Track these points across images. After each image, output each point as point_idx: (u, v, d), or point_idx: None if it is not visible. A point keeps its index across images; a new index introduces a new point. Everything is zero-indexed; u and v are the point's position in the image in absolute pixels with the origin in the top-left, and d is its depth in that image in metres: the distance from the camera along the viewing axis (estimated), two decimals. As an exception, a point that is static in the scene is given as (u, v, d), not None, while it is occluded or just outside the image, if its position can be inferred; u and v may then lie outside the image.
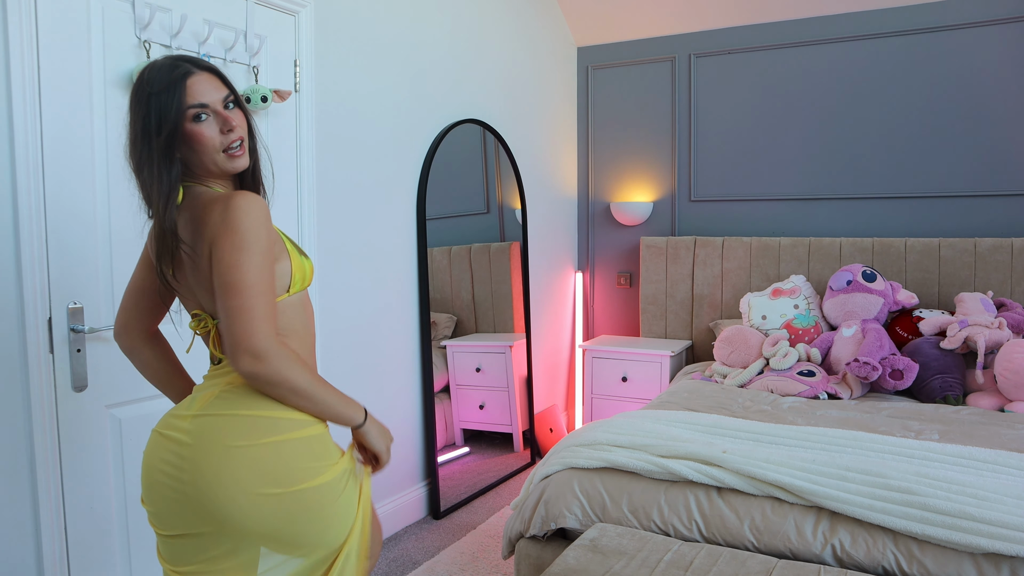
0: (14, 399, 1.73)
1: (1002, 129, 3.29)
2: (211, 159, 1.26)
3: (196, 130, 1.24)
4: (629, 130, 4.11)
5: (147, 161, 1.23)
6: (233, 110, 1.29)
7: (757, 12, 3.69)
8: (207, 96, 1.24)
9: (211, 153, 1.25)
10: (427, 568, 2.62)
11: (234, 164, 1.28)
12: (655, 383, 3.61)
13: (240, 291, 1.16)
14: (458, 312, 3.35)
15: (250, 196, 1.22)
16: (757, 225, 3.82)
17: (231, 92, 1.29)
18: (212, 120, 1.25)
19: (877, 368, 2.77)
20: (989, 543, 1.57)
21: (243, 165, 1.30)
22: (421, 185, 3.04)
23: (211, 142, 1.25)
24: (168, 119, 1.21)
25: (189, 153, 1.25)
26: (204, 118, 1.24)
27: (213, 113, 1.25)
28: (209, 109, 1.24)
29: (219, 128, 1.26)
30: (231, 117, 1.26)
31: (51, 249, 1.78)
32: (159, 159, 1.22)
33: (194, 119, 1.23)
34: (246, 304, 1.16)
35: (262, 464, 1.21)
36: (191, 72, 1.24)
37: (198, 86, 1.24)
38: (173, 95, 1.21)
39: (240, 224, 1.18)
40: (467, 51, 3.31)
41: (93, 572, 1.90)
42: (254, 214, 1.19)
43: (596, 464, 2.04)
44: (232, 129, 1.26)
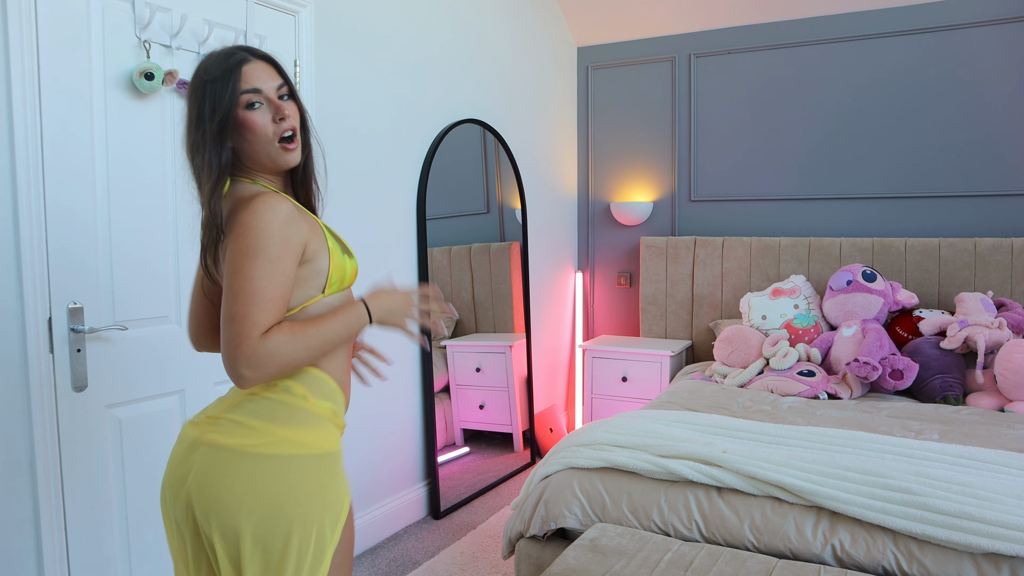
0: (14, 399, 1.73)
1: (1002, 129, 3.29)
2: (264, 150, 1.24)
3: (249, 117, 1.22)
4: (629, 130, 4.11)
5: (200, 147, 1.22)
6: (287, 101, 1.27)
7: (757, 12, 3.69)
8: (261, 83, 1.23)
9: (263, 143, 1.24)
10: (427, 568, 2.62)
11: (287, 158, 1.26)
12: (655, 383, 3.61)
13: (239, 297, 1.14)
14: (458, 312, 3.35)
15: (271, 199, 1.19)
16: (757, 225, 3.82)
17: (286, 83, 1.27)
18: (265, 109, 1.23)
19: (877, 368, 2.77)
20: (989, 543, 1.57)
21: (295, 160, 1.28)
22: (421, 185, 3.04)
23: (263, 130, 1.23)
24: (221, 105, 1.20)
25: (241, 143, 1.24)
26: (257, 106, 1.23)
27: (266, 101, 1.23)
28: (262, 96, 1.23)
29: (271, 116, 1.24)
30: (283, 106, 1.24)
31: (51, 249, 1.78)
32: (211, 144, 1.21)
33: (247, 106, 1.22)
34: (241, 311, 1.14)
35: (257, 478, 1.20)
36: (247, 60, 1.23)
37: (253, 73, 1.22)
38: (227, 81, 1.20)
39: (251, 228, 1.16)
40: (467, 51, 3.31)
41: (93, 572, 1.90)
42: (267, 218, 1.17)
43: (596, 464, 2.04)
44: (284, 118, 1.24)
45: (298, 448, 1.22)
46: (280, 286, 1.18)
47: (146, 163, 1.99)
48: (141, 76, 1.90)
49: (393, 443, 2.93)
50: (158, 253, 2.04)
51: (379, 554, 2.76)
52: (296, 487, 1.20)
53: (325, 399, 1.28)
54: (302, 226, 1.22)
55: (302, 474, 1.21)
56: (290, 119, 1.25)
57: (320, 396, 1.28)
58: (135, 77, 1.90)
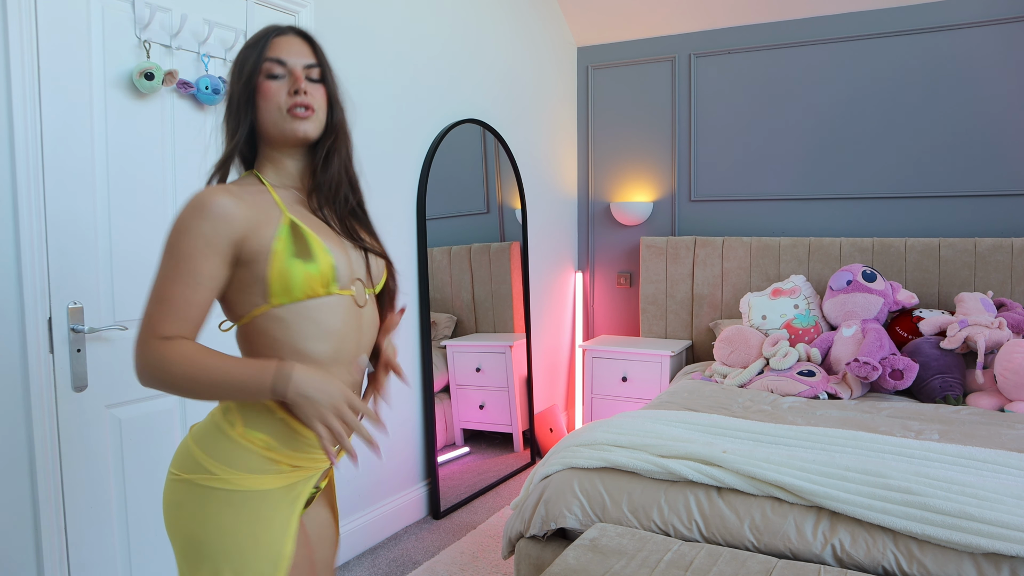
0: (14, 399, 1.73)
1: (1002, 129, 3.29)
2: (272, 120, 1.18)
3: (266, 85, 1.18)
4: (629, 130, 4.11)
5: (228, 110, 1.21)
6: (314, 83, 1.21)
7: (757, 12, 3.69)
8: (288, 56, 1.19)
9: (273, 112, 1.17)
10: (427, 568, 2.62)
11: (294, 125, 1.17)
12: (655, 383, 3.61)
13: (149, 296, 1.10)
14: (458, 312, 3.35)
15: (205, 192, 1.11)
16: (757, 225, 3.82)
17: (319, 65, 1.22)
18: (285, 81, 1.19)
19: (877, 368, 2.77)
20: (989, 543, 1.57)
21: (304, 130, 1.18)
22: (421, 185, 3.04)
23: (276, 99, 1.17)
24: (246, 69, 1.18)
25: (258, 114, 1.19)
26: (279, 77, 1.18)
27: (289, 73, 1.19)
28: (286, 68, 1.18)
29: (288, 89, 1.18)
30: (302, 80, 1.18)
31: (51, 249, 1.78)
32: (236, 108, 1.19)
33: (268, 75, 1.18)
34: (145, 310, 1.09)
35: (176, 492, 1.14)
36: (283, 32, 1.22)
37: (282, 45, 1.20)
38: (256, 49, 1.19)
39: (173, 224, 1.10)
40: (467, 51, 3.31)
41: (93, 572, 1.90)
42: (187, 213, 1.09)
43: (596, 464, 2.04)
44: (299, 91, 1.17)
45: (215, 481, 1.10)
46: (186, 286, 1.08)
47: (146, 163, 1.99)
48: (141, 76, 1.90)
49: (393, 443, 2.93)
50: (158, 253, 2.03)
51: (379, 554, 2.76)
52: (209, 521, 1.10)
53: (259, 431, 1.13)
54: (238, 223, 1.10)
55: (218, 507, 1.10)
56: (308, 98, 1.18)
57: (253, 427, 1.13)
58: (135, 77, 1.90)
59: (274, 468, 1.13)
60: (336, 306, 1.16)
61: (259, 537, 1.11)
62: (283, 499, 1.14)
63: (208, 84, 2.05)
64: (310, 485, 1.19)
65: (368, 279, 1.23)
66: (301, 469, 1.16)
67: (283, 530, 1.13)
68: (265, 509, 1.12)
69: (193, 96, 2.07)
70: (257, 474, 1.12)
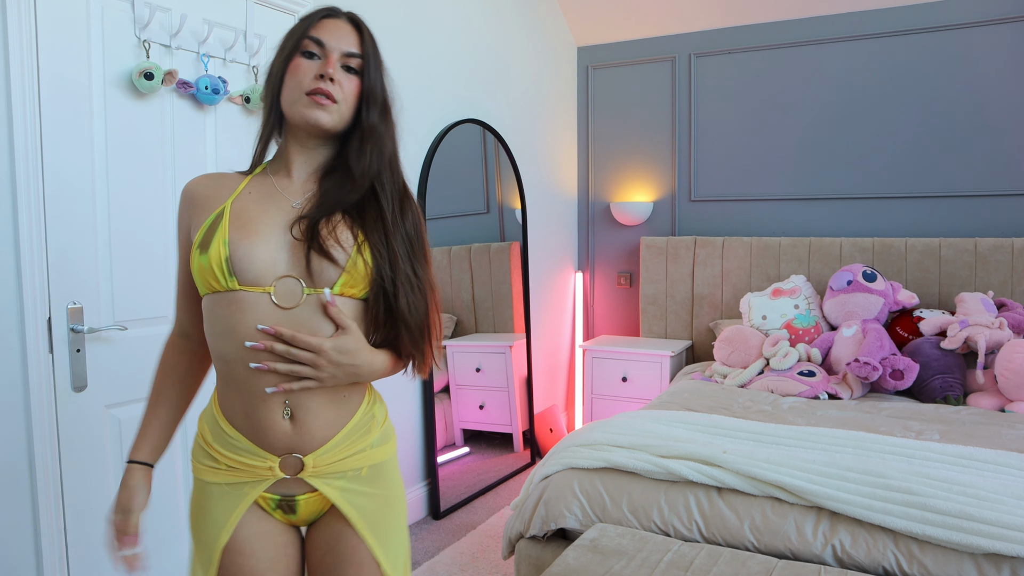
0: (14, 399, 1.73)
1: (1003, 129, 3.29)
2: (291, 98, 1.11)
3: (297, 61, 1.11)
4: (629, 130, 4.11)
5: (265, 84, 1.17)
6: (348, 74, 1.13)
7: (757, 12, 3.69)
8: (329, 39, 1.12)
9: (294, 91, 1.11)
10: (427, 568, 2.61)
11: (309, 112, 1.10)
12: (655, 383, 3.60)
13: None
14: (458, 312, 3.35)
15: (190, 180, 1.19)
16: (757, 225, 3.82)
17: (362, 57, 1.13)
18: (318, 63, 1.11)
19: (877, 368, 2.77)
20: (989, 543, 1.56)
21: (319, 119, 1.10)
22: (421, 185, 3.03)
23: (301, 78, 1.10)
24: (289, 44, 1.13)
25: (285, 91, 1.13)
26: (315, 57, 1.12)
27: (325, 57, 1.11)
28: (324, 50, 1.11)
29: (317, 71, 1.10)
30: (333, 66, 1.11)
31: (51, 249, 1.78)
32: (273, 83, 1.15)
33: (303, 53, 1.12)
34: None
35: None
36: (334, 14, 1.16)
37: (328, 27, 1.13)
38: (304, 22, 1.14)
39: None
40: (467, 51, 3.31)
41: (93, 572, 1.89)
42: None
43: (596, 464, 2.04)
44: (325, 76, 1.09)
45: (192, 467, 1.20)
46: (180, 274, 1.21)
47: (146, 163, 1.99)
48: (141, 76, 1.90)
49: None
50: (158, 253, 2.04)
51: (379, 554, 2.75)
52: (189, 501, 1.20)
53: (205, 422, 1.17)
54: (189, 209, 1.15)
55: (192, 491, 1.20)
56: (333, 83, 1.10)
57: (204, 420, 1.17)
58: (135, 77, 1.90)
59: (214, 463, 1.14)
60: (244, 303, 1.06)
61: (202, 524, 1.16)
62: (227, 494, 1.14)
63: (208, 84, 2.05)
64: (259, 489, 1.13)
65: (307, 279, 1.08)
66: (239, 471, 1.12)
67: (222, 523, 1.13)
68: (208, 499, 1.15)
69: (193, 96, 2.07)
70: (203, 465, 1.16)
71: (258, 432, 1.10)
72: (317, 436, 1.11)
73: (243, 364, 1.07)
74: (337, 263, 1.08)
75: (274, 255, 1.08)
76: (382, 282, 1.10)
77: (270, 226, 1.10)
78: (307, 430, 1.10)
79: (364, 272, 1.09)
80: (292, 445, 1.10)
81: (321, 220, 1.10)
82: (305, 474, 1.12)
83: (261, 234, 1.09)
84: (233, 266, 1.06)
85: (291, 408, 1.09)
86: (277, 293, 1.07)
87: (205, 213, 1.12)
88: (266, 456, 1.11)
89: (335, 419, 1.13)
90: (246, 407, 1.10)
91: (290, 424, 1.10)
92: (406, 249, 1.13)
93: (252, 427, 1.10)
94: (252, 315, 1.06)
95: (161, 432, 1.21)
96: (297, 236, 1.09)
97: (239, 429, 1.11)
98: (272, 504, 1.15)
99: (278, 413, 1.09)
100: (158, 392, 1.21)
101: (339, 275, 1.08)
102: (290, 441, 1.10)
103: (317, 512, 1.17)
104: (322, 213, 1.11)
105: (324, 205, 1.12)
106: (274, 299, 1.06)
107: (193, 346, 1.23)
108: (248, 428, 1.10)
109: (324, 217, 1.10)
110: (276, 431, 1.10)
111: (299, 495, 1.14)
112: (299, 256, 1.08)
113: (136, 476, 1.18)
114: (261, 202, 1.13)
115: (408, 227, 1.15)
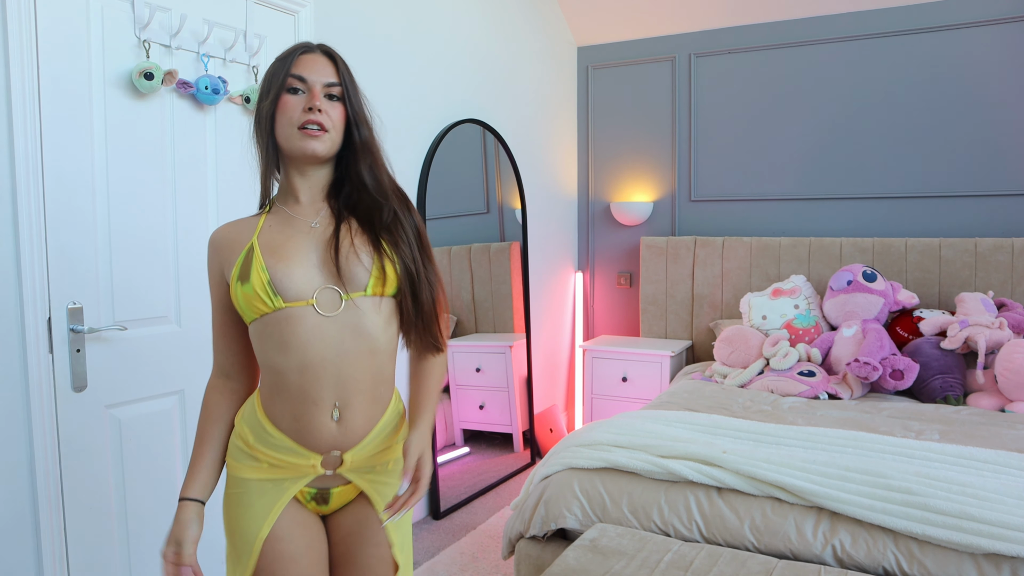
0: (14, 399, 1.73)
1: (1002, 129, 3.29)
2: (285, 134, 1.22)
3: (285, 98, 1.22)
4: (629, 130, 4.11)
5: (256, 125, 1.26)
6: (332, 101, 1.24)
7: (757, 12, 3.69)
8: (309, 73, 1.22)
9: (287, 126, 1.21)
10: (427, 568, 2.61)
11: (304, 144, 1.21)
12: (655, 383, 3.60)
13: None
14: (458, 312, 3.35)
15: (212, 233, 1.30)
16: (757, 225, 3.82)
17: (340, 84, 1.24)
18: (303, 97, 1.22)
19: (877, 368, 2.77)
20: (990, 543, 1.56)
21: (313, 149, 1.21)
22: (421, 185, 3.03)
23: (291, 113, 1.21)
24: (275, 84, 1.22)
25: (278, 128, 1.23)
26: (299, 92, 1.22)
27: (308, 91, 1.22)
28: (306, 85, 1.22)
29: (304, 105, 1.21)
30: (318, 98, 1.21)
31: (51, 249, 1.78)
32: (263, 124, 1.24)
33: (289, 90, 1.22)
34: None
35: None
36: (309, 49, 1.25)
37: (307, 62, 1.23)
38: (283, 63, 1.23)
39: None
40: (467, 51, 3.31)
41: (93, 572, 1.90)
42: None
43: (596, 464, 2.04)
44: (313, 109, 1.20)
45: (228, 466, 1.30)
46: (215, 318, 1.31)
47: (146, 163, 1.99)
48: (141, 76, 1.90)
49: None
50: (158, 253, 2.04)
51: (379, 554, 2.75)
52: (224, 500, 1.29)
53: (246, 425, 1.26)
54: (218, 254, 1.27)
55: (227, 489, 1.29)
56: (321, 115, 1.21)
57: (244, 422, 1.27)
58: (135, 77, 1.90)
59: (254, 462, 1.25)
60: (293, 318, 1.19)
61: (241, 518, 1.25)
62: (267, 491, 1.24)
63: (208, 84, 2.05)
64: (300, 484, 1.25)
65: (341, 287, 1.20)
66: (281, 468, 1.24)
67: (263, 516, 1.24)
68: (248, 495, 1.25)
69: (193, 96, 2.07)
70: (243, 464, 1.26)
71: (305, 434, 1.22)
72: (358, 433, 1.24)
73: (296, 373, 1.19)
74: (364, 267, 1.21)
75: (309, 272, 1.21)
76: (408, 278, 1.24)
77: (298, 248, 1.22)
78: (350, 428, 1.23)
79: (393, 272, 1.23)
80: (335, 443, 1.23)
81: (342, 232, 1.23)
82: (343, 469, 1.24)
83: (292, 256, 1.21)
84: (276, 287, 1.19)
85: (339, 409, 1.22)
86: (320, 303, 1.20)
87: (235, 254, 1.24)
88: (309, 455, 1.23)
89: (372, 416, 1.26)
90: (295, 412, 1.21)
91: (336, 425, 1.22)
92: (417, 246, 1.27)
93: (300, 429, 1.22)
94: (302, 326, 1.19)
95: (210, 470, 1.29)
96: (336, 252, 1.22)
97: (285, 432, 1.23)
98: (308, 496, 1.27)
99: (327, 415, 1.21)
100: (204, 433, 1.30)
101: (368, 278, 1.21)
102: (334, 439, 1.23)
103: (345, 502, 1.30)
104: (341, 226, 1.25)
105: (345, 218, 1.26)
106: (318, 309, 1.19)
107: (233, 384, 1.33)
108: (295, 431, 1.22)
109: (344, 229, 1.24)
110: (324, 431, 1.22)
111: (334, 488, 1.27)
112: (331, 268, 1.21)
113: (189, 512, 1.25)
114: (283, 230, 1.25)
115: (415, 221, 1.29)
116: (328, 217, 1.26)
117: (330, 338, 1.19)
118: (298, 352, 1.19)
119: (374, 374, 1.24)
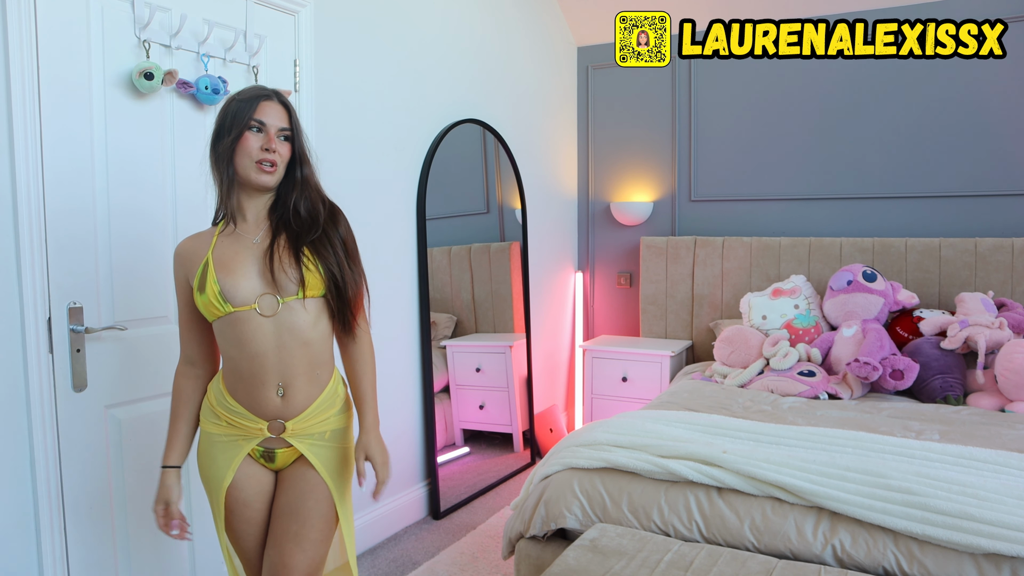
0: (14, 399, 1.73)
1: (1002, 129, 3.29)
2: (244, 165, 1.48)
3: (247, 136, 1.48)
4: (629, 130, 4.11)
5: (216, 158, 1.51)
6: (283, 141, 1.52)
7: (757, 12, 3.68)
8: (268, 119, 1.49)
9: (247, 159, 1.48)
10: (427, 568, 2.61)
11: (258, 177, 1.49)
12: (655, 383, 3.60)
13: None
14: (458, 312, 3.35)
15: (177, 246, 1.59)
16: (757, 225, 3.82)
17: (291, 128, 1.53)
18: (261, 137, 1.49)
19: (877, 368, 2.77)
20: (990, 543, 1.56)
21: (266, 182, 1.50)
22: (421, 185, 3.03)
23: (251, 149, 1.48)
24: (237, 123, 1.47)
25: (237, 159, 1.48)
26: (258, 131, 1.49)
27: (266, 133, 1.49)
28: (265, 128, 1.49)
29: (262, 144, 1.48)
30: (275, 141, 1.49)
31: (51, 249, 1.78)
32: (226, 156, 1.49)
33: (250, 129, 1.48)
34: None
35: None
36: (270, 98, 1.51)
37: (267, 109, 1.49)
38: (248, 106, 1.48)
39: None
40: (467, 51, 3.31)
41: (93, 572, 1.90)
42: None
43: (596, 464, 2.04)
44: (270, 149, 1.48)
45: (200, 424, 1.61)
46: (181, 316, 1.58)
47: (146, 163, 1.99)
48: (141, 76, 1.90)
49: (393, 443, 2.93)
50: (158, 253, 2.04)
51: (379, 554, 2.75)
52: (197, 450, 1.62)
53: (213, 394, 1.56)
54: (182, 265, 1.54)
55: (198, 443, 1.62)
56: (276, 154, 1.49)
57: (212, 392, 1.57)
58: (135, 77, 1.90)
59: (217, 420, 1.56)
60: (241, 319, 1.48)
61: (209, 468, 1.57)
62: (227, 447, 1.55)
63: (208, 84, 2.05)
64: (251, 444, 1.54)
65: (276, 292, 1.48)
66: (237, 428, 1.54)
67: (225, 467, 1.54)
68: (213, 447, 1.56)
69: (193, 96, 2.07)
70: (210, 420, 1.57)
71: (256, 406, 1.52)
72: (298, 407, 1.53)
73: (247, 362, 1.49)
74: (290, 277, 1.49)
75: (252, 281, 1.49)
76: (333, 281, 1.52)
77: (243, 262, 1.50)
78: (292, 403, 1.52)
79: (314, 279, 1.50)
80: (280, 414, 1.53)
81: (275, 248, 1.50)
82: (286, 435, 1.54)
83: (238, 269, 1.49)
84: (225, 296, 1.47)
85: (283, 387, 1.51)
86: (261, 307, 1.49)
87: (195, 266, 1.52)
88: (258, 421, 1.53)
89: (311, 393, 1.55)
90: (248, 389, 1.51)
91: (281, 400, 1.52)
92: (343, 251, 1.56)
93: (251, 402, 1.52)
94: (248, 326, 1.48)
95: (184, 441, 1.60)
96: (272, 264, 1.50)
97: (240, 402, 1.53)
98: (258, 454, 1.57)
99: (273, 392, 1.51)
100: (176, 411, 1.60)
101: (295, 285, 1.49)
102: (278, 411, 1.52)
103: (289, 461, 1.58)
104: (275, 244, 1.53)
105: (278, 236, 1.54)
106: (259, 312, 1.48)
107: (197, 371, 1.60)
108: (248, 403, 1.52)
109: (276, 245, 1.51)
110: (270, 405, 1.51)
111: (278, 449, 1.56)
112: (268, 277, 1.49)
113: (171, 477, 1.57)
114: (231, 246, 1.52)
115: (342, 233, 1.57)
116: (267, 232, 1.54)
117: (271, 334, 1.48)
118: (247, 346, 1.48)
119: (309, 360, 1.52)
